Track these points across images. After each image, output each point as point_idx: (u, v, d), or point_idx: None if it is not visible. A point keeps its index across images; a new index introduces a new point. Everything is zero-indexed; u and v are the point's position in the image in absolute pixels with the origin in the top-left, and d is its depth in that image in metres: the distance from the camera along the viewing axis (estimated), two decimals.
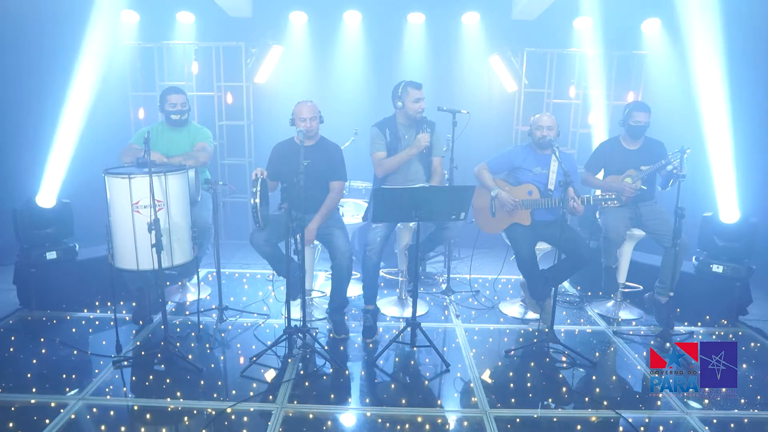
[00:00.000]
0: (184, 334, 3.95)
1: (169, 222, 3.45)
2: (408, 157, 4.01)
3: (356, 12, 6.04)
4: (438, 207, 3.50)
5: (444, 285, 4.88)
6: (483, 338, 4.08)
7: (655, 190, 4.33)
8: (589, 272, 4.37)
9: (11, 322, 4.14)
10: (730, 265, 4.37)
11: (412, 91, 3.98)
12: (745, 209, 4.45)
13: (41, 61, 5.54)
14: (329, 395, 3.27)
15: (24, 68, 5.56)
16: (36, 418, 2.91)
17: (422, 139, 3.96)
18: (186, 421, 2.96)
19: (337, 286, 3.96)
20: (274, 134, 4.52)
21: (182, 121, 4.32)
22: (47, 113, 4.95)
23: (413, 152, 3.99)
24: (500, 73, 6.18)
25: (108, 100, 5.60)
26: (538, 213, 4.12)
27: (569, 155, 4.89)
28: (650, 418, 3.10)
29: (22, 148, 5.35)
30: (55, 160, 4.48)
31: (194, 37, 6.11)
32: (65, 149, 4.54)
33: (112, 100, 5.82)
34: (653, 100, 4.85)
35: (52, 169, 4.43)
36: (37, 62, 5.56)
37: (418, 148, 3.96)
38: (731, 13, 4.91)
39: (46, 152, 4.51)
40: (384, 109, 4.17)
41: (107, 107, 5.61)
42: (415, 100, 3.97)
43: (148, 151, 3.28)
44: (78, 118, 4.67)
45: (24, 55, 5.57)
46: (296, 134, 3.70)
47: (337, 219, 4.15)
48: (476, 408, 3.13)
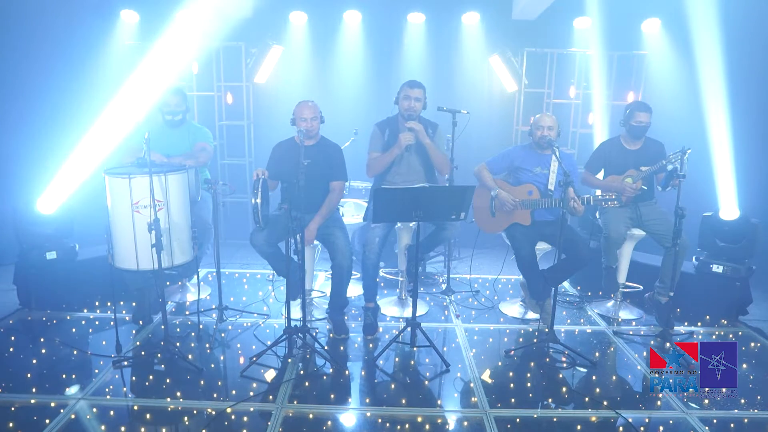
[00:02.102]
0: (184, 334, 3.95)
1: (169, 222, 3.45)
2: (392, 157, 3.98)
3: (356, 12, 6.04)
4: (438, 207, 3.50)
5: (444, 285, 4.88)
6: (483, 338, 4.08)
7: (655, 190, 4.32)
8: (589, 272, 4.37)
9: (11, 322, 4.14)
10: (730, 265, 4.37)
11: (404, 89, 4.00)
12: (745, 209, 4.45)
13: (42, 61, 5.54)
14: (329, 395, 3.27)
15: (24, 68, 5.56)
16: (36, 418, 2.91)
17: (403, 138, 3.91)
18: (186, 421, 2.96)
19: (337, 286, 3.96)
20: (274, 134, 4.52)
21: (177, 122, 4.30)
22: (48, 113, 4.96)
23: (396, 152, 3.96)
24: (500, 73, 6.18)
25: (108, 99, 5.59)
26: (538, 213, 4.12)
27: (569, 155, 4.89)
28: (650, 418, 3.11)
29: (22, 148, 5.35)
30: (55, 159, 4.47)
31: None
32: (65, 149, 4.54)
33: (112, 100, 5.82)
34: (653, 100, 4.85)
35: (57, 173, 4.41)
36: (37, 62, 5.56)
37: (400, 148, 3.93)
38: (731, 13, 4.92)
39: (48, 153, 4.51)
40: (384, 109, 4.17)
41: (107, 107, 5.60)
42: (405, 98, 3.97)
43: (148, 151, 3.28)
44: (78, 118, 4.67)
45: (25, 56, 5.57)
46: (296, 134, 3.70)
47: (337, 219, 4.15)
48: (476, 408, 3.13)
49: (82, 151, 4.46)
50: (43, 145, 4.59)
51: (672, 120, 5.27)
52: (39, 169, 4.46)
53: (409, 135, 3.91)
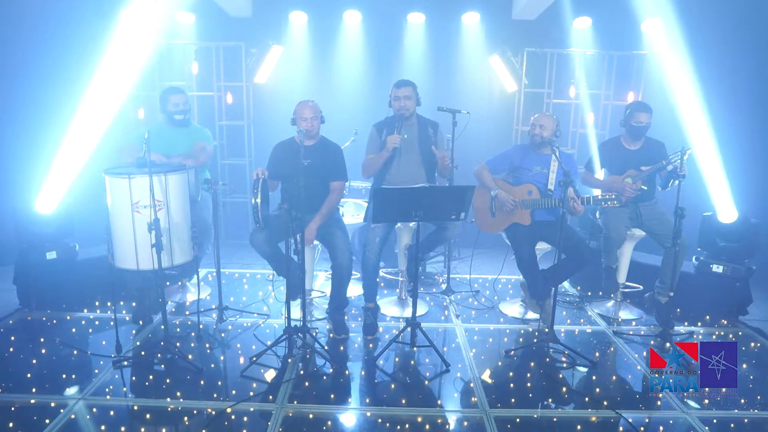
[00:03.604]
0: (184, 334, 3.95)
1: (169, 222, 3.45)
2: (382, 160, 3.98)
3: (356, 12, 6.04)
4: (438, 207, 3.50)
5: (444, 285, 4.88)
6: (483, 338, 4.08)
7: (655, 190, 4.32)
8: (589, 272, 4.37)
9: (11, 322, 4.14)
10: (730, 265, 4.37)
11: (393, 90, 4.01)
12: (745, 209, 4.45)
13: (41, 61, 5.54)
14: (329, 395, 3.27)
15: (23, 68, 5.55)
16: (36, 418, 2.91)
17: (390, 141, 3.90)
18: (186, 421, 2.96)
19: (337, 286, 3.96)
20: (274, 134, 4.51)
21: (185, 120, 4.32)
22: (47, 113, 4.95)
23: (385, 155, 3.95)
24: (500, 73, 6.18)
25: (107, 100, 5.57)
26: (538, 213, 4.12)
27: (569, 155, 4.89)
28: (650, 418, 3.11)
29: (22, 148, 5.34)
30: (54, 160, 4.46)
31: (194, 37, 6.11)
32: (65, 150, 4.53)
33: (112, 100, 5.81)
34: (653, 100, 4.84)
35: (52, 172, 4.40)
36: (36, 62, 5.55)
37: (388, 151, 3.92)
38: (731, 13, 4.92)
39: (46, 152, 4.50)
40: (384, 109, 4.16)
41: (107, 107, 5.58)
42: (395, 99, 3.98)
43: (148, 151, 3.28)
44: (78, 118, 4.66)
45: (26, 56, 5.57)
46: (297, 134, 3.70)
47: (337, 219, 4.15)
48: (476, 408, 3.13)
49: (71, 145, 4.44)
50: (42, 145, 4.57)
51: (672, 120, 5.27)
52: (37, 169, 4.44)
53: (395, 137, 3.90)
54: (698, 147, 4.51)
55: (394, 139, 3.89)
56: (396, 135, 3.91)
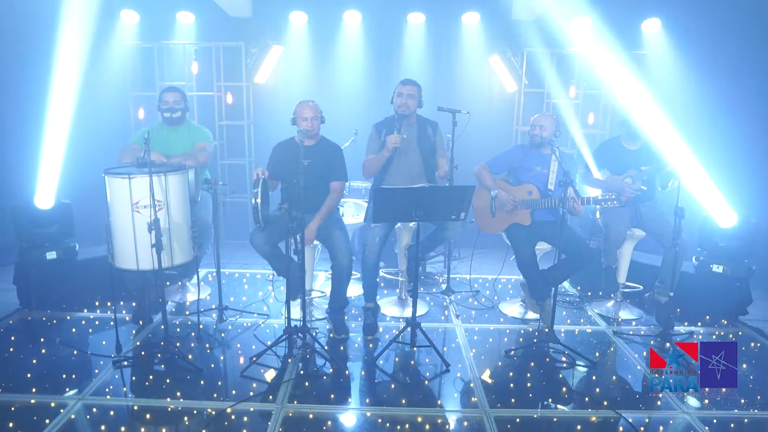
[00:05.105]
0: (184, 334, 3.95)
1: (169, 222, 3.45)
2: (382, 160, 3.98)
3: (356, 12, 6.04)
4: (438, 207, 3.50)
5: (444, 285, 4.88)
6: (483, 338, 4.08)
7: (655, 190, 4.32)
8: (589, 272, 4.37)
9: (11, 322, 4.14)
10: (730, 265, 4.36)
11: (398, 86, 4.01)
12: (745, 209, 4.44)
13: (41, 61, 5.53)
14: (329, 395, 3.27)
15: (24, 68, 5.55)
16: (36, 418, 2.91)
17: (390, 140, 3.89)
18: (186, 421, 2.96)
19: (337, 286, 3.96)
20: (274, 134, 4.52)
21: (176, 119, 4.29)
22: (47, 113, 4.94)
23: (385, 155, 3.95)
24: (500, 73, 6.17)
25: (108, 99, 5.59)
26: (538, 213, 4.12)
27: (569, 155, 4.89)
28: (650, 418, 3.11)
29: (22, 148, 5.33)
30: (55, 160, 4.46)
31: (194, 37, 6.11)
32: (65, 149, 4.53)
33: (112, 99, 5.81)
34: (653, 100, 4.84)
35: (51, 169, 4.40)
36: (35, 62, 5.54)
37: (389, 151, 3.91)
38: (731, 13, 4.91)
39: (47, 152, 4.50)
40: (384, 109, 4.17)
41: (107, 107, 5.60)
42: (398, 95, 3.98)
43: (148, 151, 3.28)
44: (78, 118, 4.66)
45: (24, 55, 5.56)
46: (297, 134, 3.69)
47: (337, 219, 4.15)
48: (476, 408, 3.13)
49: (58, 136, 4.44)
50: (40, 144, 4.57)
51: (671, 120, 5.26)
52: (35, 167, 4.44)
53: (395, 137, 3.89)
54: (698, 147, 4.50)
55: (394, 138, 3.89)
56: (396, 135, 3.91)
